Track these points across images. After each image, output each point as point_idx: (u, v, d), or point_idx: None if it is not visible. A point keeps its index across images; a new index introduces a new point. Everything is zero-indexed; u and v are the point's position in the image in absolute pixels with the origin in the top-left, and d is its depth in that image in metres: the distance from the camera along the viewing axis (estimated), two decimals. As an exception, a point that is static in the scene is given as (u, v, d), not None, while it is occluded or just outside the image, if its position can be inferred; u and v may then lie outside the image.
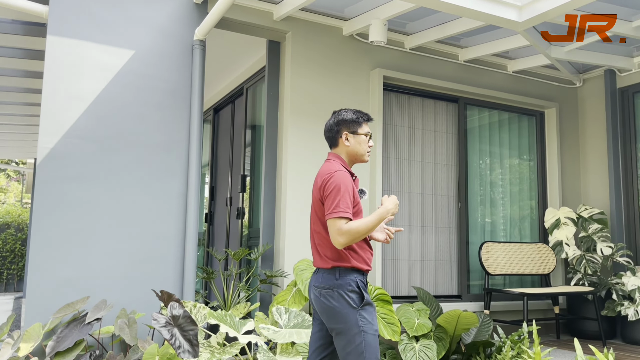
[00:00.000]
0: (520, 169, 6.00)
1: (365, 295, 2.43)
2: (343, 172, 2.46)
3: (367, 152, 2.61)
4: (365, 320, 2.38)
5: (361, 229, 2.35)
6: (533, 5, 4.12)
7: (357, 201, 2.51)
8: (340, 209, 2.36)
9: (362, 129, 2.60)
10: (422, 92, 5.35)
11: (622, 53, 5.57)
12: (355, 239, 2.36)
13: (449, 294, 5.33)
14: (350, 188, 2.44)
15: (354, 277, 2.44)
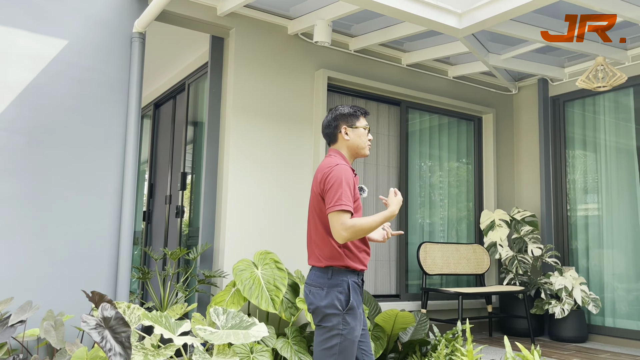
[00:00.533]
0: (458, 172, 6.18)
1: (352, 299, 2.41)
2: (344, 165, 2.45)
3: (367, 145, 2.61)
4: (347, 326, 2.39)
5: (365, 227, 2.33)
6: (472, 13, 4.25)
7: (357, 197, 2.50)
8: (343, 202, 2.34)
9: (360, 122, 2.59)
10: (365, 94, 5.41)
11: (555, 63, 5.85)
12: (358, 235, 2.35)
13: (388, 293, 5.42)
14: (351, 182, 2.44)
15: (346, 277, 2.44)
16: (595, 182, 5.72)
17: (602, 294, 5.50)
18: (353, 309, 2.42)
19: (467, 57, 5.69)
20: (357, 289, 2.48)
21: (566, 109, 6.05)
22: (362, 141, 2.58)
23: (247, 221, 4.46)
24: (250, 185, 4.51)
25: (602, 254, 5.58)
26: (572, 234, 5.86)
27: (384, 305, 4.95)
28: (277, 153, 4.67)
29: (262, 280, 3.92)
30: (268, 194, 4.59)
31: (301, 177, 4.78)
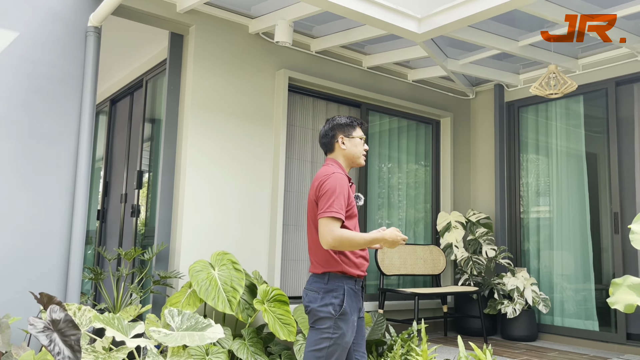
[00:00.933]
0: (417, 174, 6.28)
1: (345, 304, 2.45)
2: (340, 174, 2.51)
3: (362, 154, 2.67)
4: (339, 330, 2.43)
5: (352, 241, 2.38)
6: (431, 18, 4.32)
7: (352, 205, 2.54)
8: (334, 209, 2.39)
9: (357, 132, 2.66)
10: (326, 95, 5.43)
11: (510, 70, 6.01)
12: (342, 246, 2.39)
13: (346, 294, 5.44)
14: (346, 191, 2.48)
15: (342, 283, 2.47)
16: (547, 186, 5.91)
17: (551, 294, 5.69)
18: (346, 314, 2.45)
19: (426, 62, 5.79)
20: (354, 295, 2.51)
21: (520, 114, 6.23)
22: (358, 150, 2.65)
23: (204, 221, 4.40)
24: (209, 185, 4.45)
25: (552, 255, 5.78)
26: (524, 236, 6.04)
27: (342, 306, 4.97)
28: (237, 153, 4.63)
29: (219, 282, 3.88)
30: (227, 194, 4.54)
31: (261, 178, 4.75)
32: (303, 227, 5.15)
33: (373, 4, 4.03)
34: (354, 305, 2.51)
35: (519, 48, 5.07)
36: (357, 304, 2.55)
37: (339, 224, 2.40)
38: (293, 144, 5.16)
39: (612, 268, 5.23)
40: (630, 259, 5.10)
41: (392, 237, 2.45)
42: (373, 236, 2.44)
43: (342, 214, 2.41)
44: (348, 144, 2.63)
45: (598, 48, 5.34)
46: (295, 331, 3.95)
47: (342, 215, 2.41)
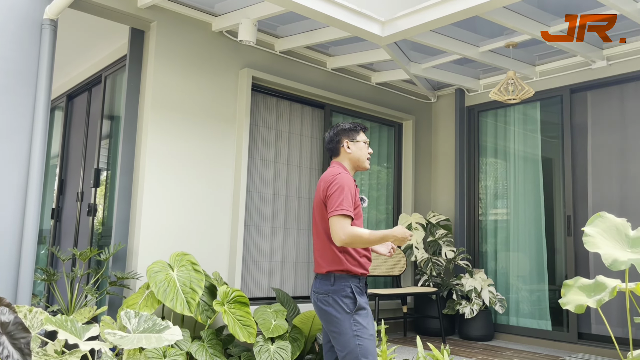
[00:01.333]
0: (379, 175, 6.34)
1: (359, 300, 2.50)
2: (347, 174, 2.60)
3: (367, 157, 2.76)
4: (360, 325, 2.47)
5: (364, 238, 2.45)
6: (395, 22, 4.37)
7: (358, 205, 2.61)
8: (344, 207, 2.47)
9: (361, 136, 2.77)
10: (290, 95, 5.41)
11: (471, 75, 6.14)
12: (354, 243, 2.45)
13: (307, 295, 5.44)
14: (353, 190, 2.56)
15: (348, 282, 2.52)
16: (505, 189, 6.06)
17: (507, 294, 5.84)
18: (362, 308, 2.52)
19: (389, 65, 5.85)
20: (360, 292, 2.56)
21: (480, 119, 6.37)
22: (362, 154, 2.75)
23: (164, 221, 4.32)
24: (169, 184, 4.37)
25: (508, 256, 5.92)
26: (482, 238, 6.18)
27: (304, 307, 4.97)
28: (198, 152, 4.57)
29: (178, 283, 3.81)
30: (187, 193, 4.47)
31: (223, 177, 4.70)
32: (265, 227, 5.12)
33: (337, 5, 4.05)
34: (365, 301, 2.58)
35: (479, 54, 5.18)
36: (367, 299, 2.61)
37: (350, 222, 2.48)
38: (256, 144, 5.13)
39: (564, 269, 5.40)
40: (581, 260, 5.27)
41: (401, 233, 2.52)
42: (384, 233, 2.50)
43: (352, 211, 2.49)
44: (353, 147, 2.73)
45: (554, 56, 5.51)
46: (255, 332, 3.92)
47: (351, 213, 2.48)
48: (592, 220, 2.78)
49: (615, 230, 2.73)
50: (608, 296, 2.88)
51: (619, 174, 5.16)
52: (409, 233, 2.54)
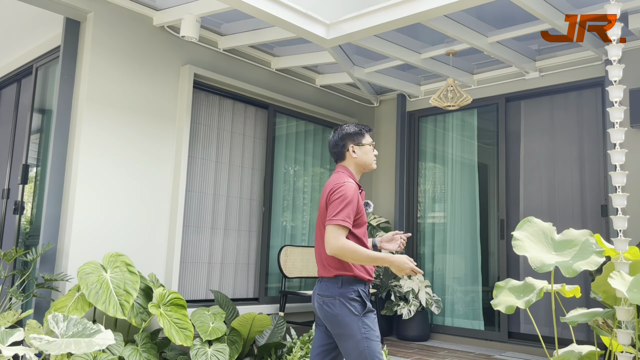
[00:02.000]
0: (322, 177, 6.36)
1: (367, 303, 2.52)
2: (351, 184, 2.56)
3: (373, 160, 2.74)
4: (368, 327, 2.48)
5: (356, 255, 2.41)
6: (339, 25, 4.40)
7: (362, 213, 2.59)
8: (341, 218, 2.44)
9: (366, 139, 2.73)
10: (233, 94, 5.34)
11: (412, 81, 6.27)
12: (344, 257, 2.41)
13: (247, 296, 5.38)
14: (356, 201, 2.53)
15: (355, 287, 2.52)
16: (443, 193, 6.24)
17: (443, 295, 6.00)
18: (370, 311, 2.53)
19: (334, 68, 5.89)
20: (367, 296, 2.57)
21: (420, 124, 6.52)
22: (369, 157, 2.72)
23: (97, 221, 4.15)
24: (103, 182, 4.20)
25: (445, 258, 6.10)
26: (421, 240, 6.32)
27: (243, 309, 4.91)
28: (136, 150, 4.42)
29: (111, 285, 3.67)
30: (123, 192, 4.32)
31: (161, 176, 4.57)
32: (204, 228, 5.02)
33: (283, 6, 4.03)
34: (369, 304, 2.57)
35: (420, 60, 5.30)
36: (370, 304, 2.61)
37: (345, 233, 2.46)
38: (197, 142, 5.02)
39: (497, 271, 5.61)
40: (513, 262, 5.50)
41: (400, 263, 2.45)
42: (380, 256, 2.45)
43: (349, 222, 2.47)
44: (359, 152, 2.69)
45: (491, 65, 5.73)
46: (192, 335, 3.83)
47: (349, 224, 2.47)
48: (521, 224, 2.90)
49: (542, 234, 2.86)
50: (536, 297, 3.01)
51: (547, 179, 5.43)
52: (411, 267, 2.44)
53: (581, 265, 2.65)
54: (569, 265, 2.66)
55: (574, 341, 3.25)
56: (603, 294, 2.95)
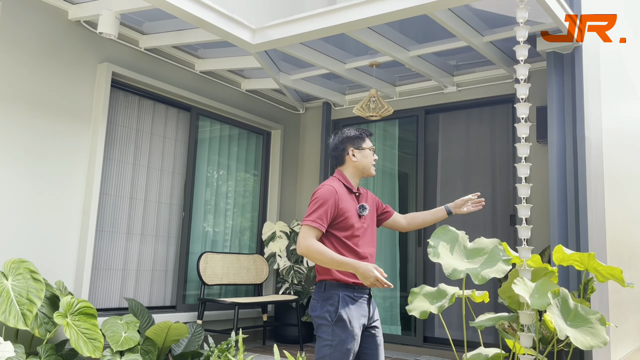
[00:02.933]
0: (245, 183, 6.29)
1: (341, 311, 2.44)
2: (329, 187, 2.54)
3: (372, 164, 2.71)
4: (337, 337, 2.43)
5: (321, 256, 2.38)
6: (265, 31, 4.39)
7: (345, 216, 2.52)
8: (311, 219, 2.45)
9: (366, 143, 2.71)
10: (154, 95, 5.17)
11: (337, 89, 6.37)
12: (310, 257, 2.41)
13: (164, 304, 5.21)
14: (331, 204, 2.49)
15: (337, 291, 2.48)
16: (364, 201, 6.35)
17: (363, 301, 6.10)
18: (342, 320, 2.44)
19: (260, 73, 5.86)
20: (354, 302, 2.49)
21: (345, 132, 6.61)
22: (368, 161, 2.69)
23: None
24: (6, 185, 3.92)
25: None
26: (342, 247, 6.40)
27: (159, 317, 4.74)
28: (45, 150, 4.16)
29: (12, 293, 3.42)
30: (29, 195, 4.05)
31: (73, 178, 4.33)
32: (119, 233, 4.81)
33: (207, 8, 3.96)
34: (355, 314, 2.48)
35: (345, 70, 5.40)
36: (360, 312, 2.51)
37: (315, 233, 2.44)
38: (113, 144, 4.81)
39: (415, 277, 5.79)
40: (429, 269, 5.70)
41: (365, 271, 2.32)
42: (346, 261, 2.37)
43: (319, 224, 2.45)
44: (359, 155, 2.68)
45: (413, 79, 5.93)
46: (101, 346, 3.65)
47: (319, 225, 2.45)
48: (436, 232, 3.01)
49: (455, 242, 2.99)
50: (448, 302, 3.14)
51: (462, 189, 5.68)
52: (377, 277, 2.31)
53: (490, 273, 2.79)
54: (478, 273, 2.79)
55: (482, 344, 3.41)
56: (508, 299, 3.12)
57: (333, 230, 2.52)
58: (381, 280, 2.31)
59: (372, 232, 2.67)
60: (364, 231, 2.61)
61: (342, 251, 2.51)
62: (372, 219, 2.70)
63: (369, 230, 2.64)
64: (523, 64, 3.17)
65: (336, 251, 2.50)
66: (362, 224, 2.60)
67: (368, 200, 2.73)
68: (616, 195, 5.17)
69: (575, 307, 2.61)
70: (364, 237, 2.60)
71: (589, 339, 2.41)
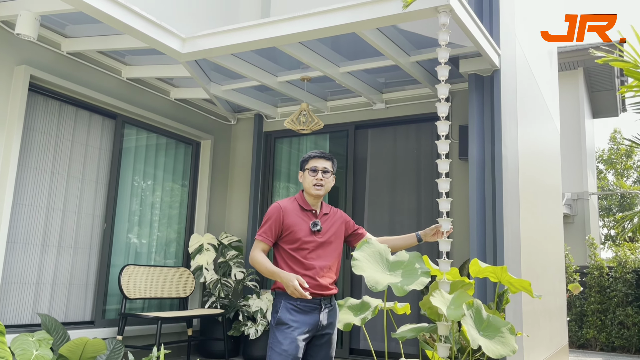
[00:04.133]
0: (173, 194, 6.14)
1: (281, 315, 2.69)
2: (277, 205, 2.85)
3: (312, 185, 2.88)
4: (276, 340, 2.68)
5: (258, 266, 2.74)
6: (195, 40, 4.34)
7: (291, 230, 2.79)
8: (258, 233, 2.82)
9: (309, 164, 2.93)
10: (77, 101, 4.97)
11: (269, 102, 6.37)
12: (254, 266, 2.77)
13: (83, 320, 4.97)
14: (275, 219, 2.80)
15: (281, 299, 2.74)
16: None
17: (291, 314, 6.08)
18: (282, 324, 2.69)
19: (190, 82, 5.76)
20: (298, 310, 2.71)
21: (277, 145, 6.64)
22: (307, 182, 2.91)
23: None
24: None
25: (294, 278, 6.20)
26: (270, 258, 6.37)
27: (76, 334, 4.51)
28: (-48, 154, 3.89)
29: None
30: None
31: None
32: (34, 245, 4.55)
33: (134, 14, 3.87)
34: (298, 321, 2.69)
35: (277, 83, 5.42)
36: (305, 321, 2.71)
37: (261, 246, 2.78)
38: (30, 151, 4.57)
39: (343, 290, 5.85)
40: (357, 282, 5.78)
41: (286, 280, 2.63)
42: (273, 270, 2.71)
43: (264, 237, 2.78)
44: (302, 177, 2.95)
45: (343, 94, 6.04)
46: (9, 366, 3.42)
47: (263, 238, 2.78)
48: (360, 245, 3.07)
49: (378, 255, 3.05)
50: (371, 314, 3.20)
51: (389, 202, 5.83)
52: (294, 286, 2.59)
53: (410, 285, 2.86)
54: (400, 286, 2.86)
55: (403, 355, 3.50)
56: (428, 311, 3.22)
57: (281, 243, 2.83)
58: (298, 289, 2.57)
59: (329, 248, 2.91)
60: (318, 245, 2.86)
61: (289, 262, 2.79)
62: (336, 236, 2.96)
63: (326, 246, 2.89)
64: (444, 84, 3.32)
65: (283, 261, 2.80)
66: (314, 238, 2.85)
67: (331, 220, 2.96)
68: (530, 210, 5.48)
69: (487, 317, 2.73)
70: (315, 251, 2.84)
71: (499, 347, 2.53)
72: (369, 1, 3.68)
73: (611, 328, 9.17)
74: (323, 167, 2.94)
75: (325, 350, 2.85)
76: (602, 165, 21.08)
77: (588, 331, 9.35)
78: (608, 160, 20.87)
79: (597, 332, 9.29)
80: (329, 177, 2.95)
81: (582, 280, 9.75)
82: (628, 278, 9.19)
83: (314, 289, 2.78)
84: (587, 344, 9.50)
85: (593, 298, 9.41)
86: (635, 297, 9.15)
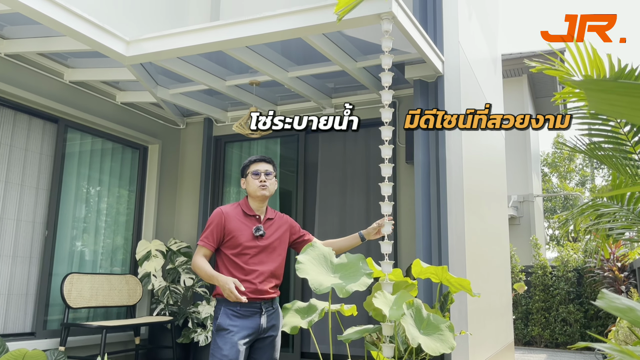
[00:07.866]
0: (120, 200, 6.00)
1: (220, 321, 2.72)
2: (218, 210, 2.88)
3: (258, 186, 2.92)
4: (216, 345, 2.72)
5: (198, 270, 2.78)
6: (140, 43, 4.27)
7: (232, 235, 2.81)
8: (200, 238, 2.85)
9: (250, 169, 2.96)
10: (15, 105, 4.79)
11: (219, 106, 6.33)
12: (195, 271, 2.81)
13: (23, 331, 4.78)
14: (217, 224, 2.82)
15: (220, 305, 2.78)
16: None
17: (242, 319, 6.04)
18: (222, 330, 2.72)
19: (136, 85, 5.66)
20: (237, 315, 2.74)
21: (227, 149, 6.59)
22: (252, 185, 2.94)
23: None
24: None
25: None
26: (222, 265, 6.31)
27: (15, 345, 4.34)
28: None
29: None
30: None
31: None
32: (-31, 254, 4.35)
33: (75, 15, 3.78)
34: (238, 326, 2.72)
35: (225, 87, 5.39)
36: (246, 325, 2.74)
37: (203, 251, 2.81)
38: (-35, 155, 4.38)
39: (293, 294, 5.86)
40: (307, 285, 5.79)
41: (222, 283, 2.67)
42: (213, 275, 2.73)
43: (205, 242, 2.81)
44: (245, 183, 2.97)
45: (293, 99, 6.07)
46: (-61, 382, 3.26)
47: (205, 243, 2.81)
48: (305, 249, 3.09)
49: (322, 258, 3.08)
50: (317, 317, 3.22)
51: (339, 206, 5.89)
52: (230, 289, 2.62)
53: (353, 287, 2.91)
54: (343, 287, 2.90)
55: (349, 357, 3.54)
56: (373, 312, 3.28)
57: (223, 249, 2.85)
58: (234, 292, 2.60)
59: (273, 253, 2.93)
60: (260, 250, 2.87)
61: (229, 267, 2.81)
62: (280, 240, 2.98)
63: (270, 251, 2.91)
64: (387, 90, 3.40)
65: (223, 267, 2.82)
66: (257, 243, 2.86)
67: (276, 225, 2.98)
68: (475, 212, 5.65)
69: (428, 316, 2.81)
70: (258, 256, 2.86)
71: (438, 345, 2.60)
72: (314, 7, 3.73)
73: (555, 325, 9.55)
74: (265, 170, 2.99)
75: (269, 352, 2.87)
76: (547, 168, 21.97)
77: (533, 328, 9.70)
78: (552, 163, 21.77)
79: (541, 329, 9.66)
80: (272, 178, 2.99)
81: (527, 279, 10.12)
82: (570, 277, 9.61)
83: (253, 294, 2.80)
84: (533, 341, 9.86)
85: (537, 296, 9.78)
86: (576, 294, 9.57)
